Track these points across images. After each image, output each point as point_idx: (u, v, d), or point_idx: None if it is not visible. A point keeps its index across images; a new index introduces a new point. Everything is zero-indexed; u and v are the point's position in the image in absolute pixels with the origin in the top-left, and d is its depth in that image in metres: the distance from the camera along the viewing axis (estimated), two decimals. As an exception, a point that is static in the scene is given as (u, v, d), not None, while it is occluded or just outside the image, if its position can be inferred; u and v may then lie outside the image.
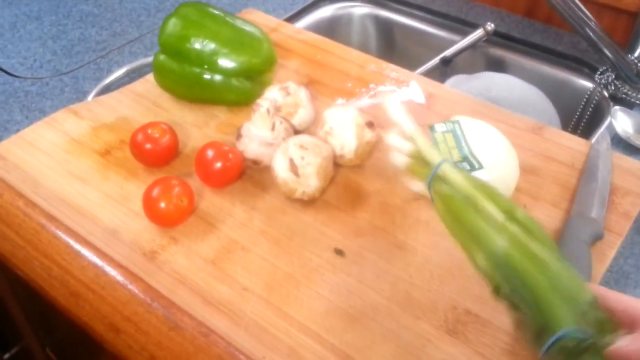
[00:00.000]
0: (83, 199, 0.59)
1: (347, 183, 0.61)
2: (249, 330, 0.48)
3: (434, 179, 0.46)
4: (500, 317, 0.48)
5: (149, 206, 0.55)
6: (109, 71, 0.82)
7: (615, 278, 0.53)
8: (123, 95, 0.73)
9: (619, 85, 0.76)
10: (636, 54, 0.75)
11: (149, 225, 0.56)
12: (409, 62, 0.93)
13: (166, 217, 0.55)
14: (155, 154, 0.61)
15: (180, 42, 0.67)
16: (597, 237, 0.53)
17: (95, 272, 0.50)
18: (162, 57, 0.69)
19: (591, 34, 0.70)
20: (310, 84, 0.75)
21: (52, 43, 0.88)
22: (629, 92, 0.75)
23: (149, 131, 0.61)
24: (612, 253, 0.53)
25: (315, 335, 0.47)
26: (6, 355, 0.95)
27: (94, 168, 0.63)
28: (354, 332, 0.48)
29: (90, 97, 0.77)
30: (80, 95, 0.78)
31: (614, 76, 0.77)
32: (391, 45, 1.01)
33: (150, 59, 0.73)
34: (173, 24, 0.68)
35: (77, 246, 0.52)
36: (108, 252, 0.54)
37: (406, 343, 0.47)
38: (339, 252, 0.54)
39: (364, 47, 1.02)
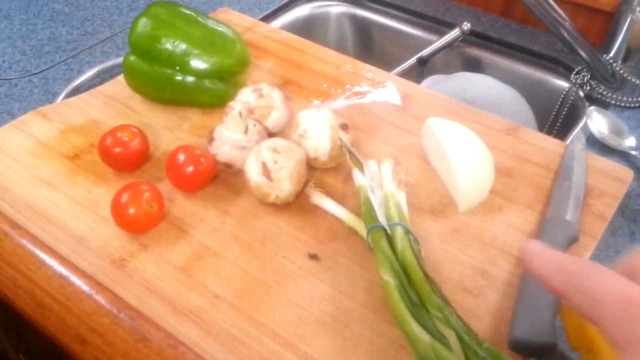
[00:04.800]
0: (50, 204, 0.58)
1: (322, 186, 0.60)
2: (220, 340, 0.47)
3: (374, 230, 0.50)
4: (474, 323, 0.47)
5: (118, 212, 0.54)
6: (80, 72, 0.80)
7: (589, 280, 0.53)
8: (93, 97, 0.71)
9: (595, 86, 0.76)
10: (611, 54, 0.75)
11: (118, 232, 0.55)
12: (386, 62, 0.93)
13: (135, 223, 0.54)
14: (124, 158, 0.60)
15: (151, 43, 0.65)
16: (573, 240, 0.53)
17: (60, 282, 0.49)
18: (132, 57, 0.67)
19: (566, 34, 0.70)
20: (285, 84, 0.74)
21: (21, 43, 0.86)
22: (604, 92, 0.75)
23: (119, 135, 0.60)
24: (587, 256, 0.53)
25: (288, 343, 0.47)
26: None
27: (62, 173, 0.61)
28: (326, 339, 0.47)
29: (59, 99, 0.76)
30: (49, 97, 0.76)
31: (589, 76, 0.77)
32: (368, 45, 1.00)
33: (121, 59, 0.71)
34: (143, 24, 0.66)
35: (42, 255, 0.51)
36: (75, 261, 0.52)
37: (379, 349, 0.46)
38: (313, 257, 0.53)
39: (340, 47, 1.01)
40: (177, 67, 0.66)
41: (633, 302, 0.26)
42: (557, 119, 0.81)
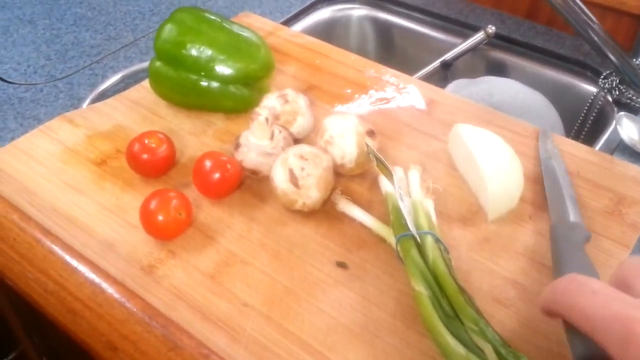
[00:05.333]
0: (79, 210, 0.58)
1: (349, 193, 0.59)
2: (249, 348, 0.47)
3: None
4: (506, 335, 0.47)
5: (147, 219, 0.54)
6: (104, 77, 0.80)
7: (622, 290, 0.52)
8: (118, 103, 0.71)
9: (624, 90, 0.75)
10: (640, 58, 0.74)
11: (147, 238, 0.55)
12: (408, 66, 0.92)
13: (164, 230, 0.54)
14: (152, 164, 0.60)
15: (176, 49, 0.65)
16: (587, 240, 0.52)
17: (92, 289, 0.49)
18: (157, 63, 0.67)
19: (595, 37, 0.69)
20: (308, 89, 0.74)
21: (45, 47, 0.87)
22: (634, 97, 0.74)
23: (146, 141, 0.60)
24: (619, 265, 0.52)
25: (317, 352, 0.46)
26: (4, 360, 0.94)
27: (90, 178, 0.62)
28: (356, 349, 0.46)
29: (85, 104, 0.76)
30: (75, 102, 0.77)
31: (618, 80, 0.76)
32: (390, 48, 1.00)
33: (145, 64, 0.72)
34: (169, 30, 0.66)
35: (74, 262, 0.51)
36: (104, 266, 0.53)
37: (410, 361, 0.46)
38: (341, 265, 0.53)
39: (362, 50, 1.00)
40: (203, 73, 0.66)
41: (627, 323, 0.26)
42: (585, 125, 0.80)
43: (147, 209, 0.54)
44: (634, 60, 0.73)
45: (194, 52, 0.65)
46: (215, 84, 0.66)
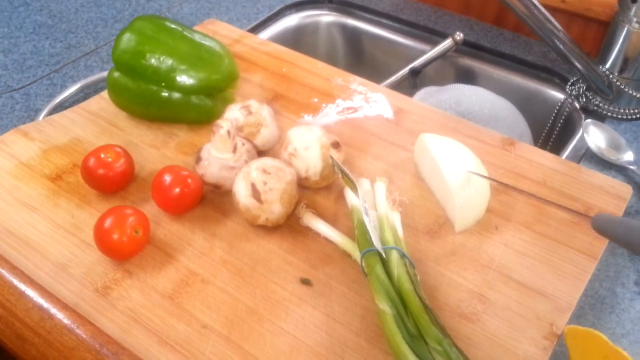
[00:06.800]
0: (31, 229, 0.56)
1: (314, 206, 0.58)
2: (209, 373, 0.45)
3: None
4: (472, 352, 0.45)
5: (101, 238, 0.52)
6: (63, 86, 0.78)
7: (591, 303, 0.52)
8: (76, 115, 0.69)
9: (591, 97, 0.75)
10: (607, 65, 0.73)
11: (102, 258, 0.53)
12: (378, 73, 0.91)
13: (119, 250, 0.52)
14: (108, 179, 0.58)
15: (136, 59, 0.63)
16: None
17: (40, 314, 0.46)
18: (116, 74, 0.65)
19: (560, 45, 0.69)
20: (274, 99, 0.72)
21: (2, 57, 0.84)
22: (601, 104, 0.74)
23: (102, 155, 0.58)
24: (586, 277, 0.51)
25: (279, 376, 0.45)
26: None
27: (44, 194, 0.59)
28: (320, 372, 0.45)
29: (42, 116, 0.73)
30: (31, 114, 0.74)
31: (585, 87, 0.76)
32: (359, 55, 0.98)
33: (106, 74, 0.69)
34: (127, 39, 0.64)
35: (22, 286, 0.48)
36: (57, 289, 0.50)
37: (375, 382, 0.44)
38: (305, 282, 0.52)
39: (331, 57, 0.99)
40: (163, 84, 0.64)
41: None
42: (553, 132, 0.80)
43: (101, 227, 0.52)
44: (601, 67, 0.73)
45: (153, 62, 0.63)
46: (176, 95, 0.64)
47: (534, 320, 0.48)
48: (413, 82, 0.85)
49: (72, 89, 0.76)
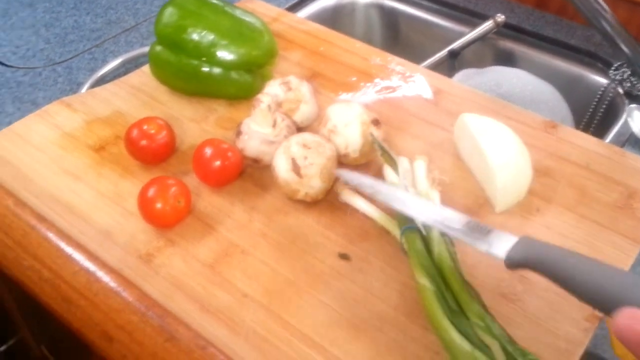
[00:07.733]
0: (76, 197, 0.57)
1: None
2: (249, 340, 0.46)
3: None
4: (512, 331, 0.45)
5: (145, 207, 0.53)
6: (104, 61, 0.79)
7: (632, 287, 0.51)
8: (118, 88, 0.70)
9: (635, 82, 0.73)
10: (653, 49, 0.72)
11: (145, 226, 0.54)
12: (415, 55, 0.90)
13: (162, 218, 0.53)
14: (151, 151, 0.58)
15: (177, 33, 0.64)
16: None
17: (87, 277, 0.48)
18: (158, 48, 0.66)
19: (607, 27, 0.67)
20: (312, 77, 0.72)
21: (45, 31, 0.85)
22: (645, 89, 0.72)
23: (145, 127, 0.59)
24: (630, 261, 0.51)
25: (319, 346, 0.45)
26: (2, 348, 0.93)
27: (88, 164, 0.60)
28: (358, 344, 0.45)
29: (84, 89, 0.75)
30: (74, 87, 0.75)
31: (629, 72, 0.74)
32: (396, 37, 0.98)
33: (146, 49, 0.70)
34: (169, 14, 0.65)
35: (69, 250, 0.50)
36: (101, 255, 0.51)
37: (413, 356, 0.44)
38: (344, 257, 0.52)
39: (367, 38, 0.98)
40: (204, 58, 0.64)
41: None
42: (595, 117, 0.78)
43: (145, 196, 0.53)
44: (647, 51, 0.72)
45: (195, 37, 0.63)
46: (217, 70, 0.65)
47: (575, 302, 0.48)
48: (451, 64, 0.84)
49: (114, 63, 0.78)
